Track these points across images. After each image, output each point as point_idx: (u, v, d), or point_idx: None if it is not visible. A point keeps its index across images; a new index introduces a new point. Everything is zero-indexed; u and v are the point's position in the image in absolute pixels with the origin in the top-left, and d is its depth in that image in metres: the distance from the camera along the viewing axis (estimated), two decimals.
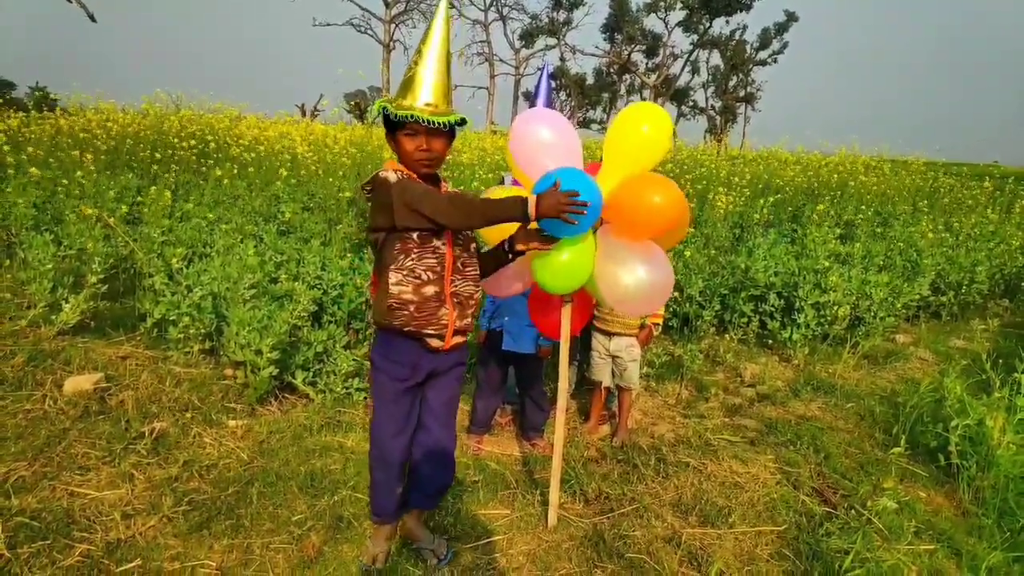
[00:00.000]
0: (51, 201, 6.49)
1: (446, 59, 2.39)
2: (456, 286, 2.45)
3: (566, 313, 2.89)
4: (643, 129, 2.61)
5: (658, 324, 4.04)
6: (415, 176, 2.41)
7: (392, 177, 2.33)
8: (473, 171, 8.98)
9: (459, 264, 2.46)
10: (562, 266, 2.59)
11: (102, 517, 2.85)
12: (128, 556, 2.64)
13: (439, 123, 2.31)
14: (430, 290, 2.37)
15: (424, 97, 2.33)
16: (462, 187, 7.28)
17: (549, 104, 3.66)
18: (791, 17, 41.70)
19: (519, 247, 2.54)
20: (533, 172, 2.58)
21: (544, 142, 2.60)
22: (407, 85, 2.36)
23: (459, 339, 2.51)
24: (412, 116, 2.29)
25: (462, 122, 2.38)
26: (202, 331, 4.19)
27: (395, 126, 2.37)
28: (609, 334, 3.90)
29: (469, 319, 2.51)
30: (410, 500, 2.76)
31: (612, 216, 2.63)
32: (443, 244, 2.41)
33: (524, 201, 2.23)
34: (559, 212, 2.21)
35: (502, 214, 2.27)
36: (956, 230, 8.99)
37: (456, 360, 2.60)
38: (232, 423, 3.71)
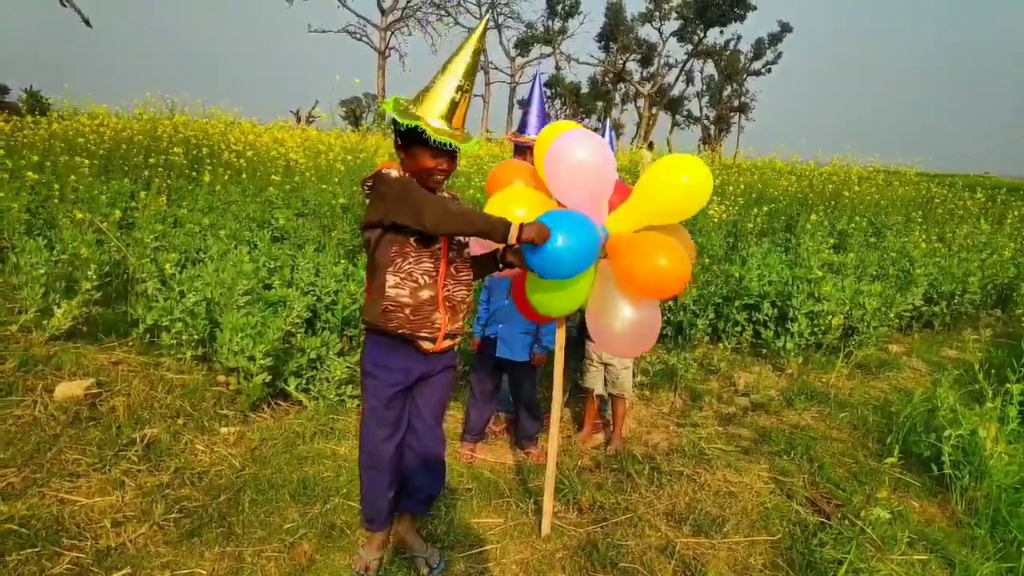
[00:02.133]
0: (44, 206, 6.47)
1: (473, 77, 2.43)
2: (449, 290, 2.46)
3: (561, 325, 2.89)
4: (683, 180, 2.58)
5: None
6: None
7: (395, 173, 2.36)
8: (469, 179, 9.00)
9: (452, 269, 2.47)
10: (557, 294, 2.60)
11: (92, 524, 2.82)
12: (118, 564, 2.62)
13: (465, 150, 2.37)
14: (426, 294, 2.39)
15: (446, 118, 2.34)
16: (458, 194, 7.29)
17: (542, 112, 3.68)
18: (785, 28, 41.98)
19: (510, 259, 2.56)
20: (567, 198, 2.59)
21: (584, 170, 2.56)
22: (431, 102, 2.34)
23: (449, 342, 2.53)
24: (450, 144, 2.31)
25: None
26: (195, 337, 4.17)
27: (415, 140, 2.34)
28: None
29: (460, 323, 2.54)
30: (401, 505, 2.75)
31: (616, 263, 2.62)
32: (439, 248, 2.42)
33: (508, 226, 2.27)
34: (535, 243, 2.28)
35: (486, 230, 2.30)
36: (949, 240, 9.04)
37: (446, 362, 2.62)
38: (224, 430, 3.69)
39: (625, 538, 3.08)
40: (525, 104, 3.77)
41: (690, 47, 41.80)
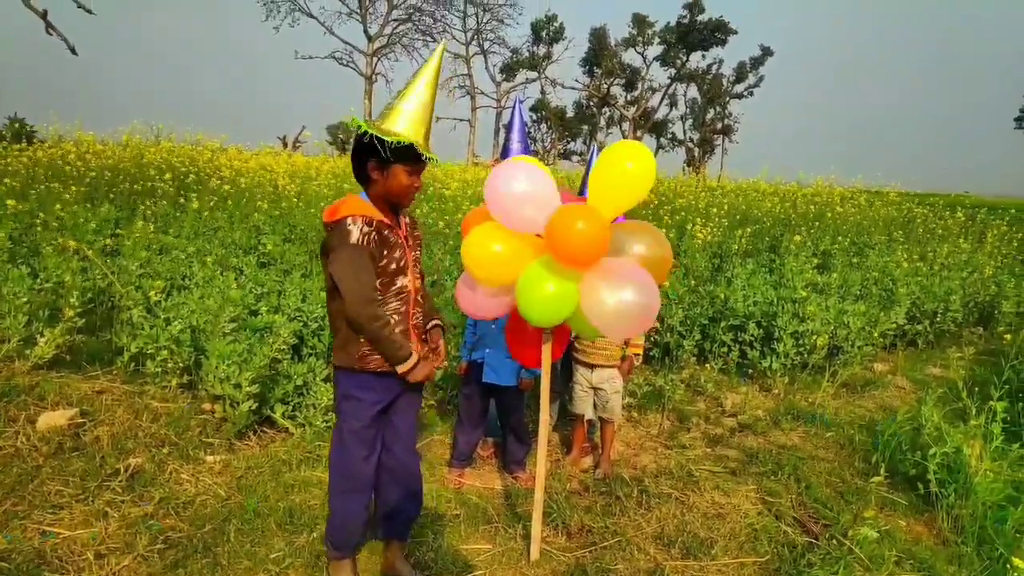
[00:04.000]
0: (28, 233, 6.43)
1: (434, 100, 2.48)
2: (416, 319, 2.52)
3: (547, 347, 2.89)
4: (627, 166, 2.62)
5: (639, 355, 4.06)
6: (384, 220, 2.42)
7: (355, 234, 2.32)
8: (457, 203, 9.03)
9: (419, 297, 2.54)
10: (547, 299, 2.60)
11: (75, 557, 2.78)
12: None
13: (433, 160, 2.45)
14: (399, 330, 2.43)
15: (421, 135, 2.40)
16: (447, 218, 7.33)
17: (524, 138, 3.71)
18: (766, 52, 42.66)
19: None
20: (518, 225, 2.60)
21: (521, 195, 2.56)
22: (406, 120, 2.37)
23: None
24: (430, 158, 2.40)
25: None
26: (180, 365, 4.14)
27: (398, 158, 2.37)
28: (591, 366, 3.91)
29: (426, 344, 2.62)
30: (384, 531, 2.74)
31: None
32: (408, 281, 2.45)
33: (404, 361, 2.43)
34: (422, 380, 2.52)
35: (386, 354, 2.42)
36: (930, 259, 9.14)
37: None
38: (210, 458, 3.66)
39: (614, 562, 3.07)
40: (507, 130, 3.81)
41: (673, 71, 42.44)
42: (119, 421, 3.82)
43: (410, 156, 2.38)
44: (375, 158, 2.39)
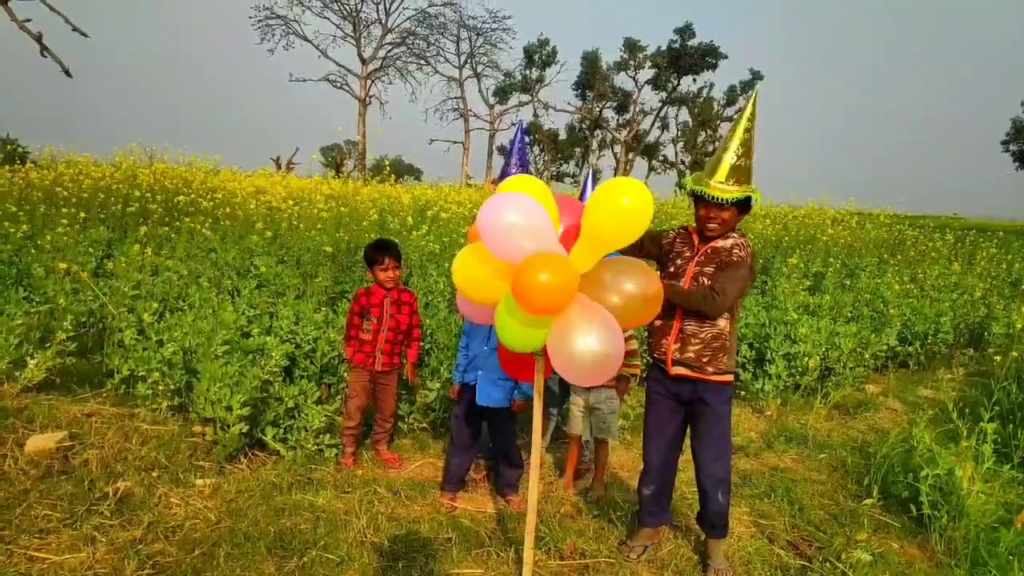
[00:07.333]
0: (19, 255, 6.40)
1: (744, 144, 2.90)
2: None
3: (539, 370, 2.89)
4: (623, 202, 2.57)
5: (635, 375, 4.07)
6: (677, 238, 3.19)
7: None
8: (454, 225, 9.06)
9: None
10: (518, 330, 2.60)
11: None
12: None
13: (716, 198, 2.87)
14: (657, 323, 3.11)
15: (716, 176, 2.89)
16: (445, 239, 7.31)
17: (523, 159, 3.73)
18: (756, 75, 43.16)
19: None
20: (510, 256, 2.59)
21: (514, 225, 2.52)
22: (707, 166, 2.97)
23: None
24: (705, 193, 2.89)
25: (747, 200, 2.95)
26: (172, 387, 4.12)
27: (693, 199, 3.02)
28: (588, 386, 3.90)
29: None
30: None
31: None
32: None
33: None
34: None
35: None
36: (921, 281, 9.21)
37: None
38: (200, 482, 3.63)
39: None
40: (508, 153, 3.84)
41: (664, 94, 42.88)
42: (108, 444, 3.80)
43: (695, 197, 2.98)
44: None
